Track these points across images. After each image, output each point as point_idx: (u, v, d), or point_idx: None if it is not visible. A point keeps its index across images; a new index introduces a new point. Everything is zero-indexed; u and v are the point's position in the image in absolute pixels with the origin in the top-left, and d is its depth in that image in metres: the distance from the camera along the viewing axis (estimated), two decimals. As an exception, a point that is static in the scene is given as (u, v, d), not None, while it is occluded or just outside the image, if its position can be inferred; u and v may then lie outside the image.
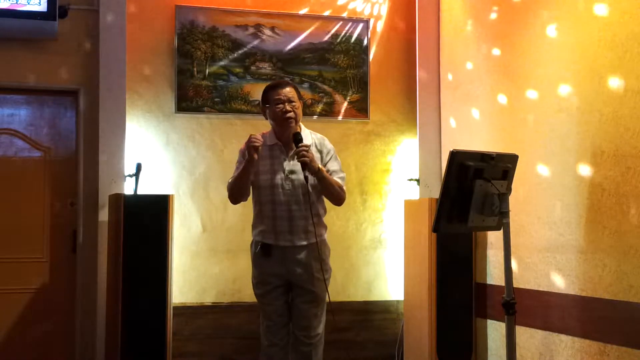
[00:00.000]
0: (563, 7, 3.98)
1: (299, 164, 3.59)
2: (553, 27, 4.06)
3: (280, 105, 3.67)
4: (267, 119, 3.78)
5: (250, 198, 3.82)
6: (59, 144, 4.84)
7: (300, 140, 3.62)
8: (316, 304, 3.74)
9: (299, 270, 3.70)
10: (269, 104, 3.72)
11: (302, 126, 3.81)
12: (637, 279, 3.45)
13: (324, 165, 3.71)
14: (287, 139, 3.71)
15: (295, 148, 3.62)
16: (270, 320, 3.78)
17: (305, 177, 3.55)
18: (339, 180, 3.72)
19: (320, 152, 3.75)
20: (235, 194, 3.75)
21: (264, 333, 3.81)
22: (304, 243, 3.69)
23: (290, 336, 3.79)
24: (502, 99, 4.53)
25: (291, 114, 3.67)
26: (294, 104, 3.69)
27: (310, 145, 3.68)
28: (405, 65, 5.40)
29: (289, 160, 3.68)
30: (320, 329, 3.77)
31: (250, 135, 3.62)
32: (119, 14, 4.73)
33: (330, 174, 3.70)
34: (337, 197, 3.74)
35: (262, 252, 3.73)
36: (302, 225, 3.67)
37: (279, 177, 3.68)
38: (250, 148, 3.56)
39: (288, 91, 3.70)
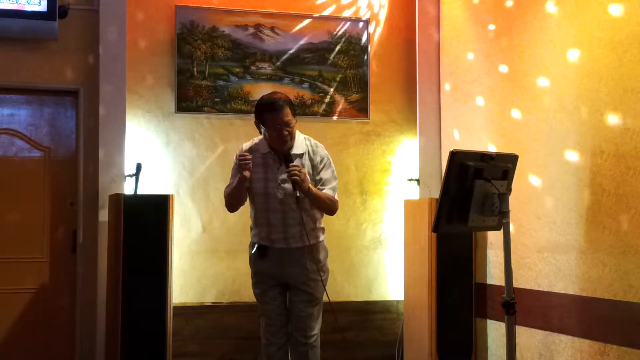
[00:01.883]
0: (563, 8, 3.98)
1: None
2: (553, 27, 4.06)
3: (276, 131, 3.62)
4: (261, 133, 3.75)
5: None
6: (59, 144, 4.84)
7: (291, 161, 3.61)
8: (312, 305, 3.75)
9: (295, 272, 3.72)
10: (264, 125, 3.67)
11: (297, 133, 3.77)
12: (637, 279, 3.45)
13: (318, 173, 3.72)
14: (281, 152, 3.70)
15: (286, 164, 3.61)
16: (269, 319, 3.80)
17: (297, 197, 3.55)
18: (329, 192, 3.70)
19: (313, 160, 3.74)
20: (231, 204, 3.80)
21: (263, 332, 3.84)
22: (299, 245, 3.69)
23: (289, 335, 3.80)
24: (502, 98, 4.53)
25: (287, 138, 3.65)
26: (290, 126, 3.64)
27: (299, 155, 3.69)
28: (405, 65, 5.40)
29: (287, 177, 3.63)
30: (317, 329, 3.78)
31: (239, 154, 3.62)
32: (119, 14, 4.73)
33: (322, 183, 3.71)
34: (328, 210, 3.75)
35: (259, 254, 3.75)
36: (297, 231, 3.67)
37: (272, 186, 3.68)
38: (240, 168, 3.58)
39: (284, 115, 3.61)
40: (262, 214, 3.71)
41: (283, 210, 3.67)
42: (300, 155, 3.71)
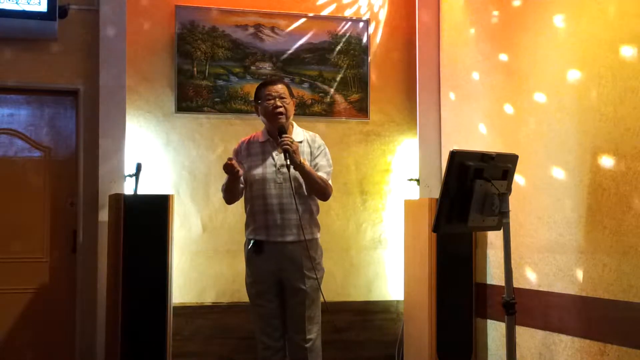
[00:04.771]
0: (563, 8, 3.98)
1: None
2: (553, 28, 4.06)
3: (271, 101, 3.72)
4: (259, 115, 3.84)
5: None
6: (59, 144, 4.84)
7: (285, 132, 3.66)
8: (309, 305, 3.72)
9: (290, 267, 3.71)
10: (260, 100, 3.78)
11: (295, 124, 3.85)
12: (637, 279, 3.45)
13: (314, 159, 3.76)
14: (275, 123, 3.75)
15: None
16: (264, 322, 3.77)
17: (287, 166, 3.58)
18: (323, 175, 3.74)
19: (311, 146, 3.80)
20: (228, 197, 3.85)
21: (258, 335, 3.81)
22: (295, 239, 3.69)
23: (284, 339, 3.78)
24: (502, 99, 4.53)
25: (281, 109, 3.72)
26: (284, 99, 3.74)
27: (299, 142, 3.73)
28: (405, 65, 5.40)
29: (279, 154, 3.69)
30: (316, 331, 3.75)
31: (225, 164, 3.62)
32: (119, 14, 4.73)
33: (317, 169, 3.74)
34: (321, 192, 3.75)
35: (254, 249, 3.75)
36: (293, 219, 3.67)
37: (271, 171, 3.71)
38: (229, 173, 3.63)
39: (279, 88, 3.76)
40: (259, 201, 3.72)
41: (280, 196, 3.68)
42: (300, 143, 3.76)
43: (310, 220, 3.75)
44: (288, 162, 3.57)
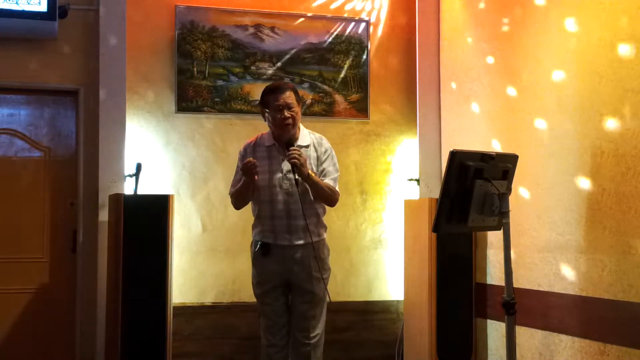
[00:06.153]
0: (563, 8, 3.99)
1: None
2: (553, 28, 4.06)
3: (279, 112, 3.67)
4: (265, 121, 3.79)
5: None
6: (59, 144, 4.84)
7: (292, 144, 3.65)
8: (315, 305, 3.74)
9: (297, 269, 3.71)
10: (268, 109, 3.72)
11: (302, 127, 3.83)
12: (637, 279, 3.45)
13: (320, 164, 3.74)
14: (284, 139, 3.73)
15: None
16: (269, 320, 3.79)
17: (296, 180, 3.58)
18: (330, 182, 3.73)
19: (318, 151, 3.78)
20: (238, 203, 3.84)
21: (263, 333, 3.83)
22: (302, 242, 3.69)
23: (289, 336, 3.80)
24: (502, 99, 4.53)
25: (289, 121, 3.68)
26: (293, 109, 3.69)
27: (305, 147, 3.73)
28: (405, 65, 5.40)
29: (286, 160, 3.68)
30: (319, 329, 3.77)
31: (247, 161, 3.60)
32: (119, 14, 4.73)
33: (324, 174, 3.73)
34: (328, 200, 3.76)
35: (262, 251, 3.74)
36: (300, 224, 3.67)
37: (277, 177, 3.70)
38: (247, 173, 3.60)
39: (287, 96, 3.69)
40: (267, 206, 3.72)
41: (287, 202, 3.67)
42: (306, 147, 3.75)
43: (317, 223, 3.75)
44: (297, 177, 3.57)
